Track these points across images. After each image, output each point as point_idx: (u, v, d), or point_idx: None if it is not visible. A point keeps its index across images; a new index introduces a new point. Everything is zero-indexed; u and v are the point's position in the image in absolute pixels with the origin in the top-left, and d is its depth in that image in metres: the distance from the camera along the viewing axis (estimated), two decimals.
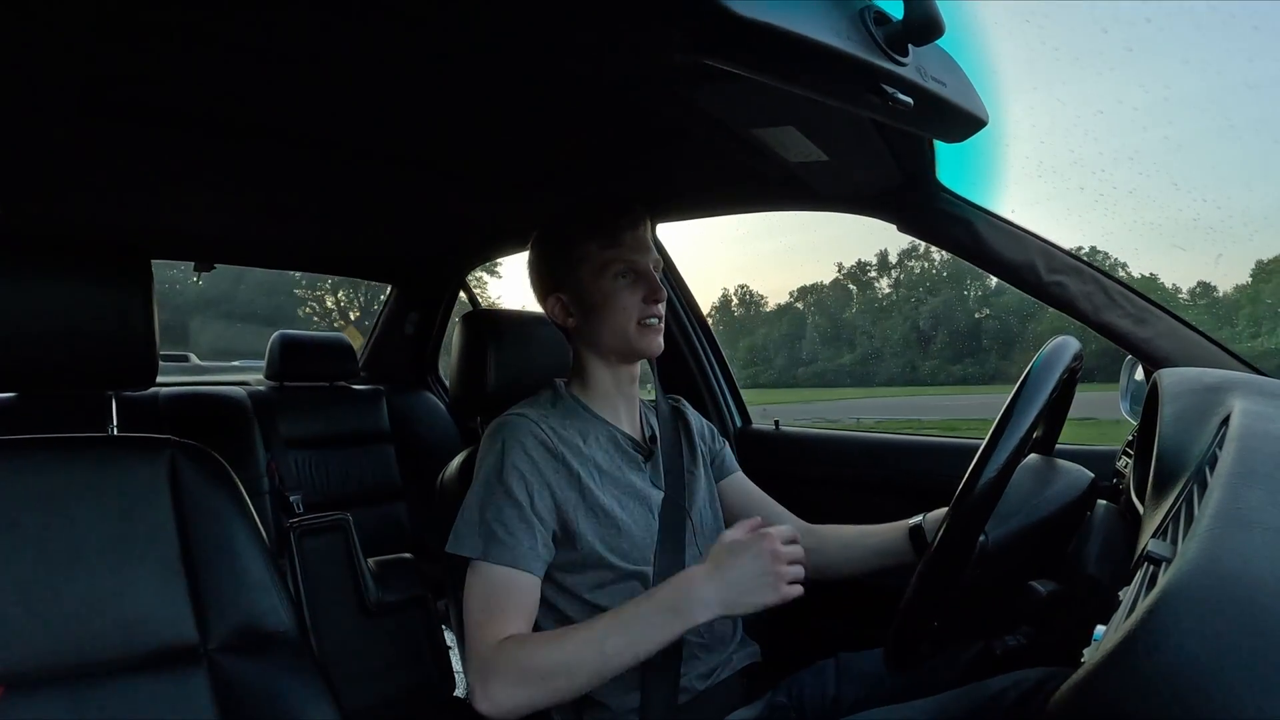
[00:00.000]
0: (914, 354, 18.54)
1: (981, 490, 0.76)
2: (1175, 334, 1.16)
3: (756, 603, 0.92)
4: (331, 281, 18.62)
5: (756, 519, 1.00)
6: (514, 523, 1.02)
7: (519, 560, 1.01)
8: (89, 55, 0.98)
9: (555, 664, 0.93)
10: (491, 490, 1.04)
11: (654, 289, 1.12)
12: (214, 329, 13.80)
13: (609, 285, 1.12)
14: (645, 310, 1.12)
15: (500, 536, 1.01)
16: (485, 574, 1.01)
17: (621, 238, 1.12)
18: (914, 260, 20.38)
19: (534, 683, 0.93)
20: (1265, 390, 0.83)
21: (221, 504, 0.99)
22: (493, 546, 1.01)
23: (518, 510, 1.03)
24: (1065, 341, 0.84)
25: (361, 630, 1.82)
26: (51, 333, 0.94)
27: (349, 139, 1.35)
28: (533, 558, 1.01)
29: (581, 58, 0.96)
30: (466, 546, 1.03)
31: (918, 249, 20.97)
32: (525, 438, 1.07)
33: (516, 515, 1.03)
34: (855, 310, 20.42)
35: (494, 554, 1.01)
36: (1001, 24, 1.15)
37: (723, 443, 1.36)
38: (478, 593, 1.01)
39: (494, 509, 1.03)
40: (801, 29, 0.66)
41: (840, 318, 20.61)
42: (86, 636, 0.87)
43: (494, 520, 1.02)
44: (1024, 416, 0.77)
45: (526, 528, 1.02)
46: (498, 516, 1.02)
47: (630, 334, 1.12)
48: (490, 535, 1.02)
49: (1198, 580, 0.41)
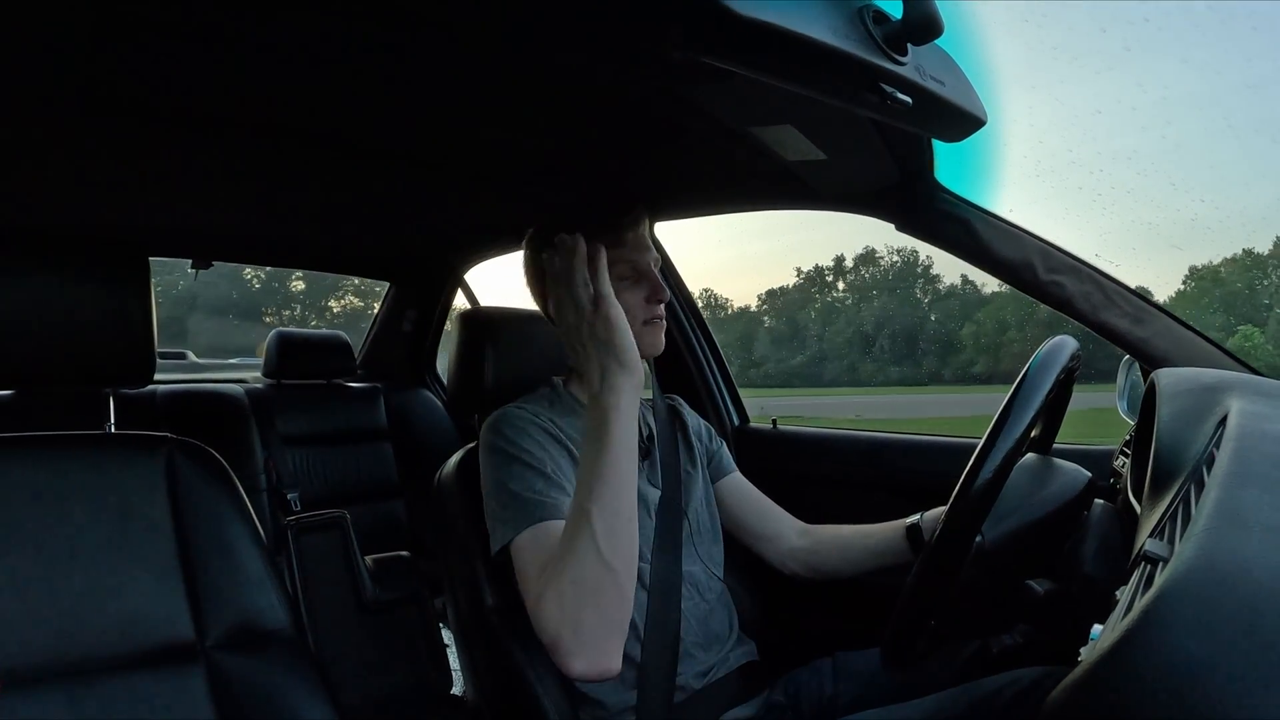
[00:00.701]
0: (855, 356, 19.18)
1: (979, 489, 0.77)
2: (1173, 334, 1.16)
3: (626, 338, 0.89)
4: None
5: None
6: (541, 485, 0.99)
7: (560, 512, 0.96)
8: (86, 52, 0.98)
9: (569, 565, 0.86)
10: (506, 469, 1.02)
11: (656, 288, 1.12)
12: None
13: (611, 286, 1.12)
14: (648, 310, 1.13)
15: (534, 499, 0.98)
16: (530, 537, 0.95)
17: (624, 237, 1.12)
18: (867, 267, 21.28)
19: (575, 599, 0.85)
20: (1262, 390, 0.83)
21: (219, 501, 0.99)
22: (531, 510, 0.97)
23: (540, 475, 1.01)
24: (1063, 341, 0.85)
25: (359, 628, 1.82)
26: (49, 330, 0.94)
27: (347, 136, 1.35)
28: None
29: (579, 55, 0.96)
30: (508, 531, 0.98)
31: (873, 254, 21.90)
32: (527, 424, 1.07)
33: (540, 479, 1.00)
34: (811, 314, 21.23)
35: (535, 514, 0.96)
36: (1000, 23, 1.15)
37: (720, 442, 1.37)
38: (529, 562, 0.94)
39: (518, 481, 1.00)
40: (800, 27, 0.66)
41: (795, 321, 21.32)
42: (84, 634, 0.87)
43: (522, 489, 0.99)
44: (1021, 416, 0.77)
45: (554, 485, 1.00)
46: (525, 486, 1.00)
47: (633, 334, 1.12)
48: (524, 504, 0.98)
49: (1194, 580, 0.41)
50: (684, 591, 1.13)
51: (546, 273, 0.96)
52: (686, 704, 1.09)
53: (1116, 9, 22.15)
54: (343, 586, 1.83)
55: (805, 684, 1.17)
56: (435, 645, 1.92)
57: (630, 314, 1.11)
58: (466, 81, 1.09)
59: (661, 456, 1.21)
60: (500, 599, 1.08)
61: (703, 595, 1.16)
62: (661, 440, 1.23)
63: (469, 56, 1.00)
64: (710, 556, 1.22)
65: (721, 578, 1.22)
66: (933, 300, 19.68)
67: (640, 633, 1.07)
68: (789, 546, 1.28)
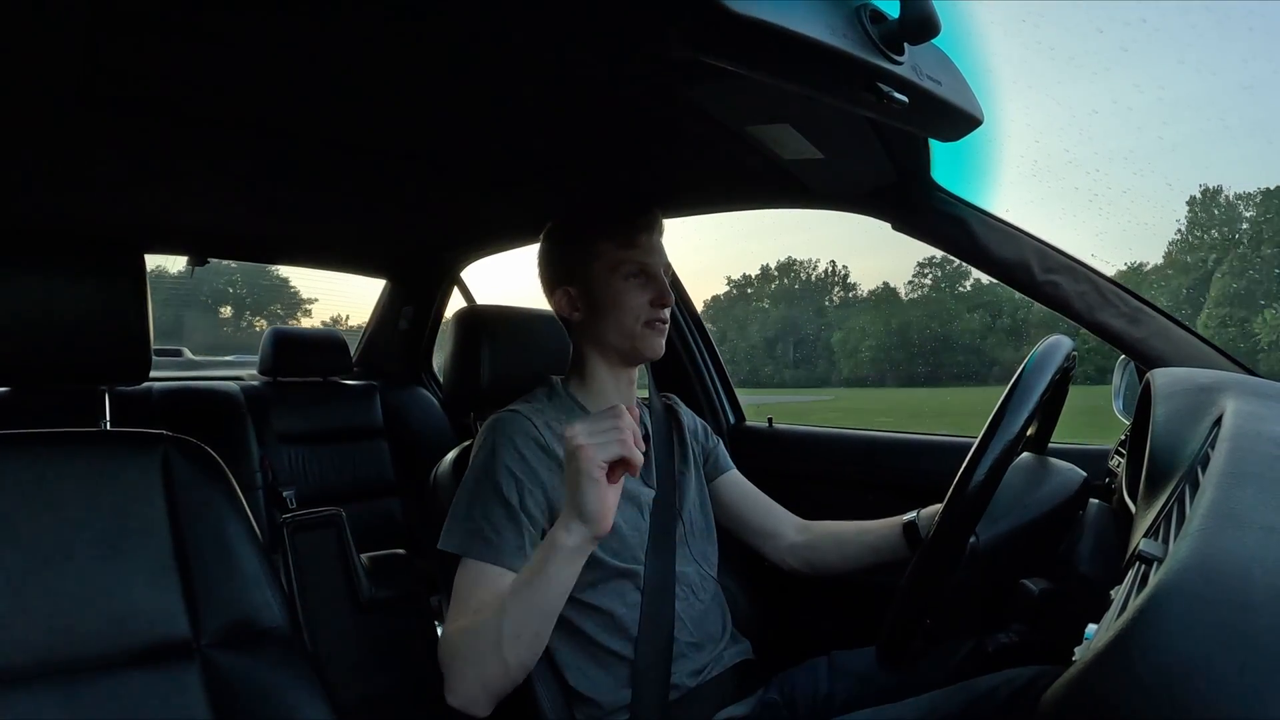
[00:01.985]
0: (759, 358, 21.00)
1: (974, 489, 0.77)
2: (1168, 334, 1.16)
3: (585, 489, 0.87)
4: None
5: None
6: (501, 521, 1.02)
7: (501, 558, 1.00)
8: (83, 49, 0.97)
9: (475, 633, 0.93)
10: (481, 488, 1.05)
11: (663, 292, 1.13)
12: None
13: (620, 284, 1.12)
14: (652, 313, 1.13)
15: (486, 534, 1.01)
16: (468, 570, 1.01)
17: (638, 239, 1.13)
18: (788, 276, 22.64)
19: (467, 658, 0.93)
20: (1257, 390, 0.84)
21: (214, 499, 0.99)
22: (477, 544, 1.01)
23: (506, 509, 1.03)
24: (1058, 341, 0.85)
25: (355, 626, 1.81)
26: (45, 327, 0.94)
27: (343, 134, 1.35)
28: (518, 556, 1.01)
29: (577, 54, 0.96)
30: (454, 542, 1.03)
31: (794, 264, 23.38)
32: (518, 435, 1.07)
33: (504, 514, 1.02)
34: (730, 320, 22.60)
35: (478, 551, 1.01)
36: (998, 23, 1.15)
37: (716, 440, 1.37)
38: (457, 587, 1.01)
39: (481, 507, 1.03)
40: (797, 27, 0.66)
41: (719, 326, 22.67)
42: (79, 632, 0.87)
43: (481, 518, 1.02)
44: (1016, 416, 0.77)
45: (514, 526, 1.02)
46: (485, 515, 1.02)
47: (635, 334, 1.13)
48: (477, 533, 1.02)
49: (1189, 579, 0.41)
50: (678, 591, 1.13)
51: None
52: (681, 702, 1.09)
53: (1113, 9, 22.25)
54: (339, 584, 1.82)
55: (800, 683, 1.17)
56: (431, 643, 1.91)
57: (634, 314, 1.12)
58: (465, 80, 1.09)
59: (657, 457, 1.21)
60: None
61: (696, 595, 1.16)
62: (657, 440, 1.23)
63: (467, 55, 1.00)
64: (704, 556, 1.22)
65: (715, 577, 1.23)
66: (836, 308, 21.51)
67: (633, 632, 1.08)
68: (788, 543, 1.28)
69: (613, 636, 1.08)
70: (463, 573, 1.02)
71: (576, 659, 1.08)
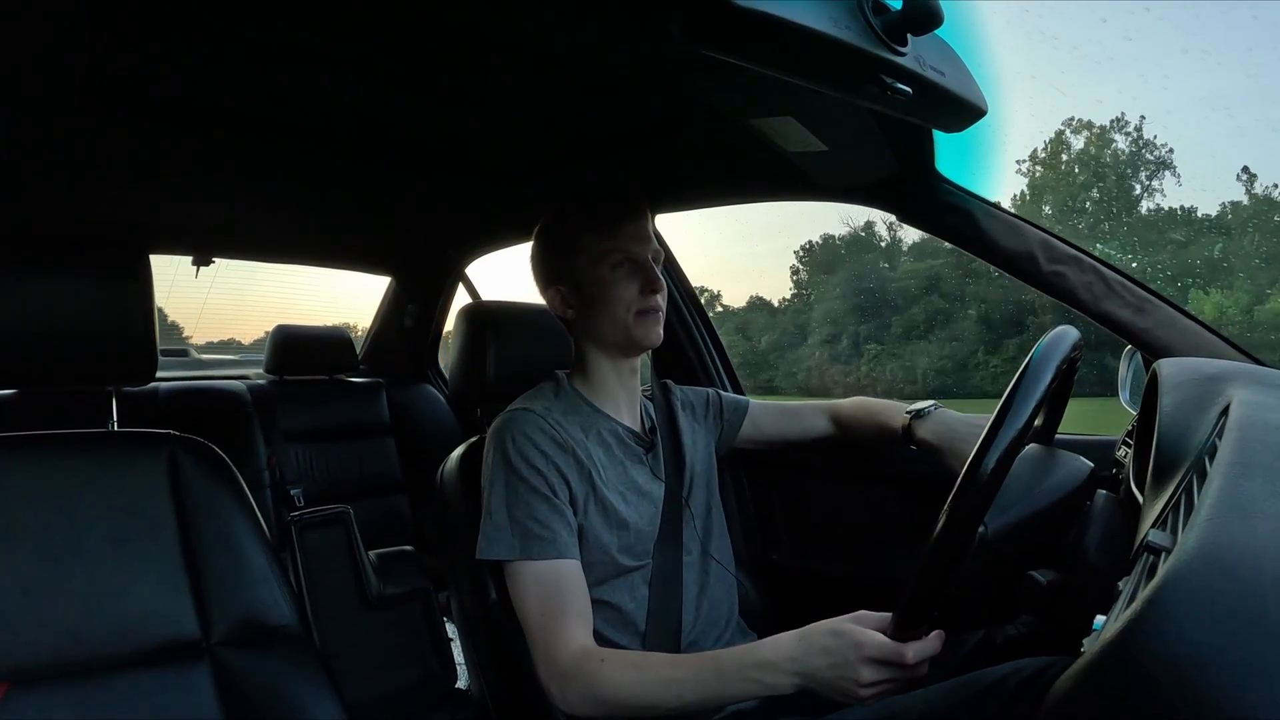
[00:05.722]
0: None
1: (982, 480, 0.76)
2: (1175, 324, 1.16)
3: (833, 697, 0.86)
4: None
5: (861, 612, 0.89)
6: (545, 514, 1.02)
7: (562, 550, 1.00)
8: (88, 49, 0.97)
9: (633, 698, 0.91)
10: (513, 487, 1.04)
11: (651, 279, 1.12)
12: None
13: (606, 275, 1.11)
14: (643, 301, 1.12)
15: (536, 532, 1.01)
16: (532, 573, 1.00)
17: (620, 229, 1.12)
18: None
19: (610, 706, 0.92)
20: (1265, 380, 0.83)
21: (222, 498, 0.99)
22: (531, 544, 1.00)
23: (546, 501, 1.02)
24: (1065, 331, 0.84)
25: (363, 623, 1.82)
26: (51, 329, 0.94)
27: (348, 132, 1.35)
28: (572, 545, 1.01)
29: (580, 48, 0.96)
30: (503, 550, 1.02)
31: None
32: (534, 433, 1.07)
33: (546, 506, 1.02)
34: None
35: (535, 550, 1.00)
36: (1001, 13, 1.15)
37: (718, 395, 1.36)
38: (532, 595, 1.00)
39: (523, 506, 1.02)
40: (800, 19, 0.66)
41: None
42: (88, 633, 0.87)
43: (525, 517, 1.01)
44: (1023, 406, 0.77)
45: (559, 517, 1.02)
46: (529, 513, 1.02)
47: (628, 324, 1.12)
48: (526, 533, 1.01)
49: (1197, 570, 0.41)
50: (685, 582, 1.13)
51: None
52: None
53: (1115, 7, 22.13)
54: (347, 582, 1.83)
55: None
56: (440, 640, 1.92)
57: (625, 304, 1.11)
58: (468, 76, 1.09)
59: (664, 447, 1.21)
60: (504, 594, 1.09)
61: (704, 585, 1.16)
62: (662, 431, 1.23)
63: (470, 52, 1.00)
64: (715, 548, 1.22)
65: (726, 567, 1.22)
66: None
67: (641, 627, 1.08)
68: (827, 435, 1.35)
69: (621, 631, 1.08)
70: (524, 578, 1.00)
71: None
